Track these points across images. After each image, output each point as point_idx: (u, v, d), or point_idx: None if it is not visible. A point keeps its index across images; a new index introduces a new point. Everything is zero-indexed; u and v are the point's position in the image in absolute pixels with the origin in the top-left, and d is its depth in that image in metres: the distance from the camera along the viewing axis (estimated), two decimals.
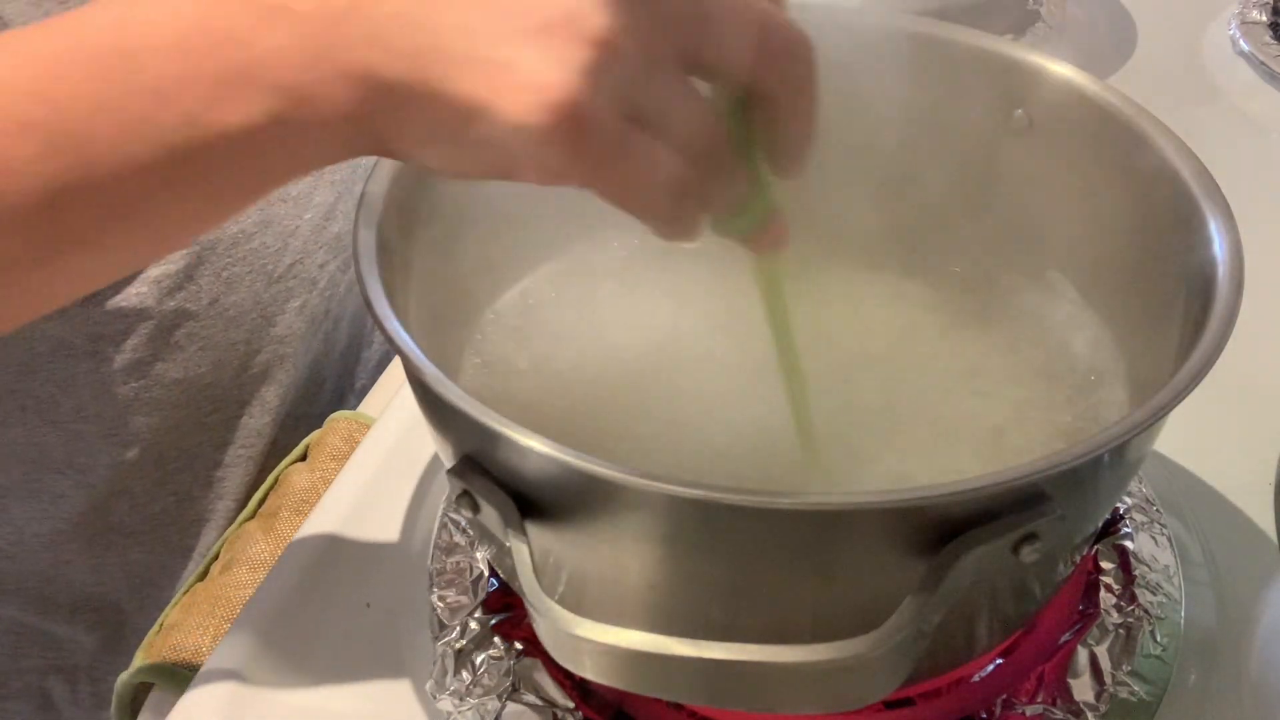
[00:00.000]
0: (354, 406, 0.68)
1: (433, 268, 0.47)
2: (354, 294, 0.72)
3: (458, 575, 0.51)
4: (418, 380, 0.38)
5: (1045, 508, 0.34)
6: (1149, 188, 0.45)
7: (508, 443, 0.35)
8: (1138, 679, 0.46)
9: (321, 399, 0.72)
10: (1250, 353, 0.44)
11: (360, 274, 0.40)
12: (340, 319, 0.72)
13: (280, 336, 0.66)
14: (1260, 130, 0.79)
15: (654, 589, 0.39)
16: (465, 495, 0.37)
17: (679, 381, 0.50)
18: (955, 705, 0.46)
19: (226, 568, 0.57)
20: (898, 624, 0.33)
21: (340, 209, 0.68)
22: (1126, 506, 0.52)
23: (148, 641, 0.55)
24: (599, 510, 0.36)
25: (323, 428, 0.66)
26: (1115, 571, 0.49)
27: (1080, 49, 0.88)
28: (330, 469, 0.61)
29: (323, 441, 0.65)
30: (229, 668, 0.50)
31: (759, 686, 0.35)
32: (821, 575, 0.37)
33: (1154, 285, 0.45)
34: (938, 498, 0.33)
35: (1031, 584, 0.42)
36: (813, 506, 0.34)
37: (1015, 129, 0.51)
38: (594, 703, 0.46)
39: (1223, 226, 0.41)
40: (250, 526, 0.60)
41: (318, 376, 0.72)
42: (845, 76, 0.53)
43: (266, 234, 0.63)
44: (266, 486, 0.63)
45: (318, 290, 0.68)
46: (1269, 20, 0.88)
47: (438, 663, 0.47)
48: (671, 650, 0.34)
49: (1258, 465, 0.53)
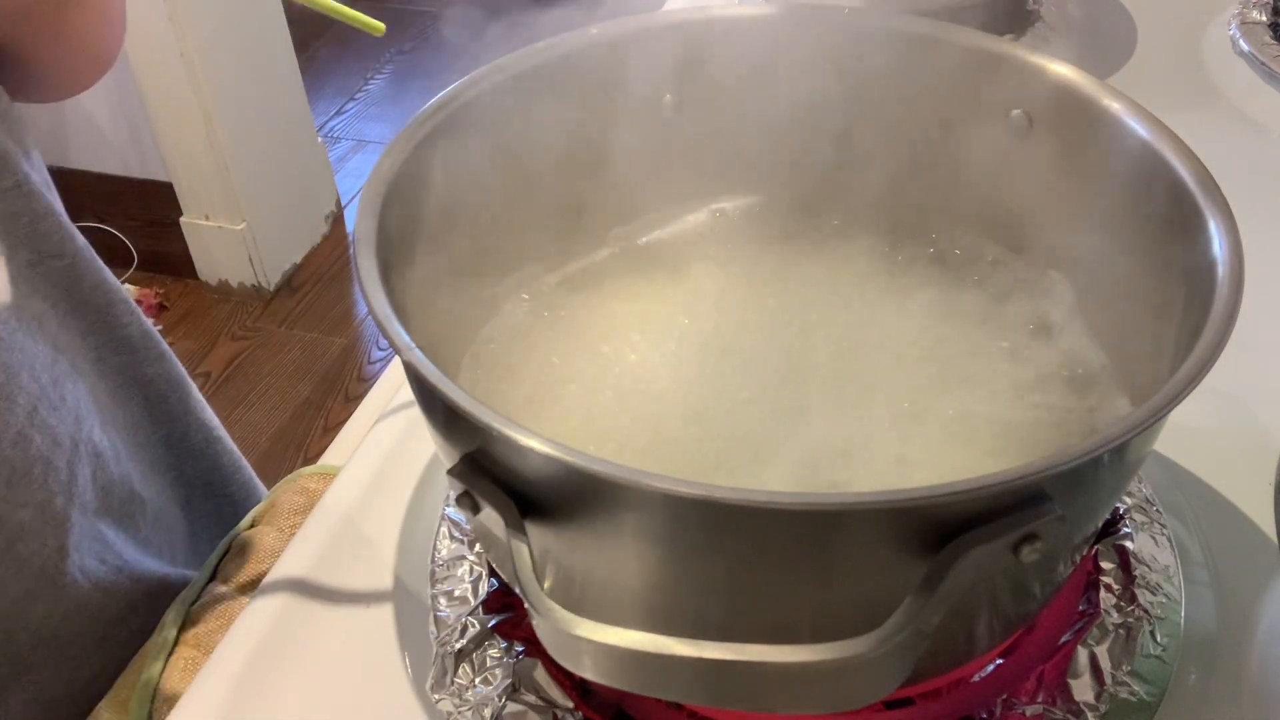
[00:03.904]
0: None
1: (435, 268, 0.47)
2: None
3: (458, 575, 0.51)
4: (418, 380, 0.38)
5: (1045, 508, 0.34)
6: (1149, 188, 0.45)
7: (508, 443, 0.35)
8: (1138, 679, 0.46)
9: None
10: (1250, 353, 0.44)
11: (360, 274, 0.40)
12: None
13: (3, 611, 0.55)
14: (1260, 130, 0.79)
15: (654, 589, 0.39)
16: (465, 495, 0.37)
17: (680, 383, 0.50)
18: (955, 705, 0.46)
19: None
20: (898, 624, 0.33)
21: (40, 414, 0.55)
22: (1126, 506, 0.52)
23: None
24: (599, 510, 0.36)
25: (271, 493, 0.65)
26: (1115, 571, 0.49)
27: (1080, 49, 0.88)
28: (295, 524, 0.60)
29: (277, 504, 0.63)
30: (229, 668, 0.50)
31: (759, 686, 0.35)
32: (821, 575, 0.37)
33: (1154, 285, 0.45)
34: (938, 498, 0.33)
35: (1031, 584, 0.42)
36: (813, 506, 0.34)
37: (1015, 129, 0.51)
38: (594, 703, 0.46)
39: (1223, 226, 0.41)
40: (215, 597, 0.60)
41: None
42: (846, 77, 0.53)
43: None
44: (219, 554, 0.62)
45: (32, 535, 0.55)
46: (1269, 20, 0.88)
47: (438, 663, 0.47)
48: (671, 650, 0.34)
49: (1258, 465, 0.53)
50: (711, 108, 0.55)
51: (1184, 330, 0.40)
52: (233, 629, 0.51)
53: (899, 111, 0.54)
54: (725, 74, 0.54)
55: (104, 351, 0.64)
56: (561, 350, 0.52)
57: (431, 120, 0.47)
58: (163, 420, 0.70)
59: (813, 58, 0.53)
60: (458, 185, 0.48)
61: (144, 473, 0.67)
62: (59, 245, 0.59)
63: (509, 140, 0.51)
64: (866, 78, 0.53)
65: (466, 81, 0.49)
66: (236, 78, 1.81)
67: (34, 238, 0.58)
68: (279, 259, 2.00)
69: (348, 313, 1.97)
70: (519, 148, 0.51)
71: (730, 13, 0.54)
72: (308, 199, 2.08)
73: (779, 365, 0.51)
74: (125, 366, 0.66)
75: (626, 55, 0.52)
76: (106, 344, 0.64)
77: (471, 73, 0.49)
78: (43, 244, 0.58)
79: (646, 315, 0.54)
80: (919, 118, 0.53)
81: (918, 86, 0.53)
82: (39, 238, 0.58)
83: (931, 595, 0.33)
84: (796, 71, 0.53)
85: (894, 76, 0.53)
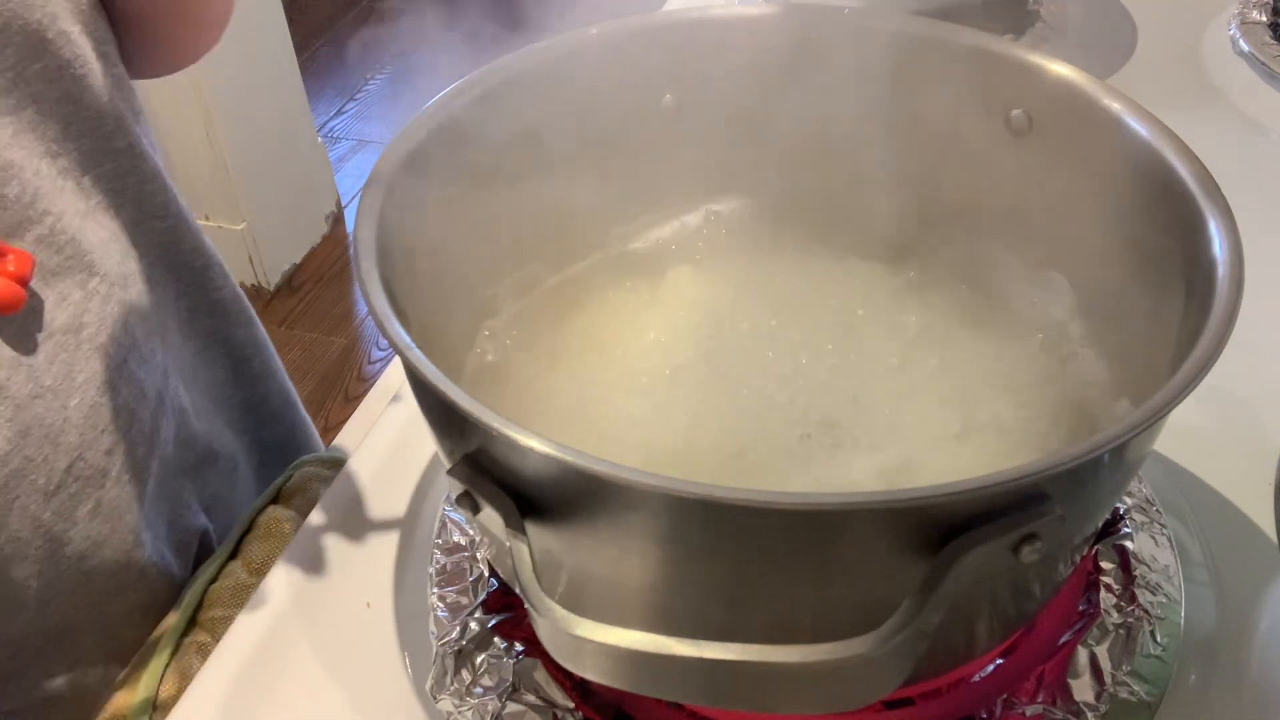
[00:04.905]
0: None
1: (435, 269, 0.47)
2: (166, 463, 0.62)
3: (458, 575, 0.51)
4: (418, 380, 0.38)
5: (1045, 508, 0.34)
6: (1149, 188, 0.45)
7: (508, 443, 0.35)
8: (1138, 679, 0.46)
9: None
10: (1250, 353, 0.44)
11: (360, 274, 0.40)
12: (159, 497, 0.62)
13: (78, 553, 0.56)
14: (1260, 130, 0.79)
15: (654, 589, 0.39)
16: (465, 495, 0.37)
17: (681, 383, 0.50)
18: (955, 705, 0.46)
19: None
20: (898, 624, 0.33)
21: (129, 366, 0.58)
22: (1126, 506, 0.52)
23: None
24: (599, 510, 0.36)
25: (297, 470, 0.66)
26: (1115, 571, 0.49)
27: (1080, 49, 0.88)
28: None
29: (305, 487, 0.64)
30: (229, 668, 0.50)
31: (759, 686, 0.35)
32: (821, 575, 0.37)
33: (1154, 285, 0.45)
34: (938, 498, 0.33)
35: (1031, 584, 0.42)
36: (813, 506, 0.34)
37: (1015, 129, 0.51)
38: (594, 703, 0.46)
39: (1223, 226, 0.41)
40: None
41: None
42: (846, 77, 0.53)
43: (27, 445, 0.52)
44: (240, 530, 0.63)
45: (114, 481, 0.57)
46: (1269, 20, 0.88)
47: (438, 663, 0.47)
48: (671, 650, 0.34)
49: (1258, 465, 0.53)
50: (711, 108, 0.55)
51: (1184, 330, 0.40)
52: (233, 628, 0.51)
53: (898, 111, 0.54)
54: (725, 74, 0.54)
55: (195, 313, 0.66)
56: (561, 351, 0.52)
57: (431, 121, 0.47)
58: (244, 383, 0.72)
59: (813, 58, 0.53)
60: (457, 186, 0.48)
61: (222, 433, 0.69)
62: (163, 207, 0.62)
63: (509, 140, 0.51)
64: (866, 78, 0.53)
65: (466, 82, 0.49)
66: (236, 77, 1.81)
67: (140, 198, 0.60)
68: (279, 259, 2.00)
69: (348, 313, 1.97)
70: (519, 148, 0.51)
71: (730, 13, 0.54)
72: (308, 199, 2.08)
73: (778, 366, 0.51)
74: (214, 329, 0.68)
75: (626, 55, 0.53)
76: (199, 306, 0.67)
77: (471, 73, 0.49)
78: (147, 204, 0.61)
79: (646, 316, 0.54)
80: (918, 117, 0.53)
81: (917, 87, 0.53)
82: (145, 198, 0.60)
83: (931, 595, 0.33)
84: (796, 72, 0.53)
85: (894, 76, 0.53)
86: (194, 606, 0.60)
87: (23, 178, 0.51)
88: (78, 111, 0.54)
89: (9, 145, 0.51)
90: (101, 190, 0.57)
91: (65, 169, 0.54)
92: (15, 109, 0.51)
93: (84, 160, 0.56)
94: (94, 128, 0.56)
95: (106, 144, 0.57)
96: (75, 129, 0.54)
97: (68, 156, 0.54)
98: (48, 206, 0.52)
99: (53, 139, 0.53)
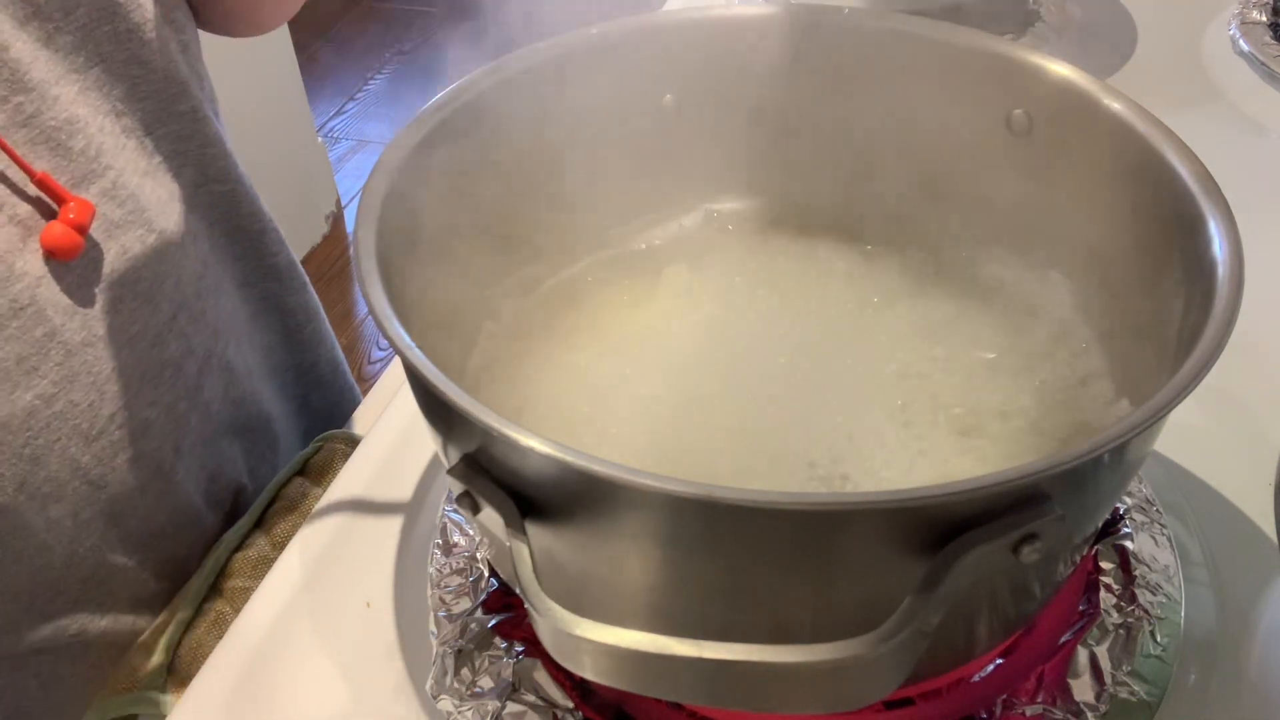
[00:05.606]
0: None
1: (435, 269, 0.47)
2: (211, 420, 0.63)
3: (458, 575, 0.51)
4: (418, 380, 0.38)
5: (1045, 508, 0.34)
6: (1149, 188, 0.45)
7: (508, 443, 0.35)
8: (1138, 679, 0.46)
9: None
10: (1250, 353, 0.44)
11: (360, 274, 0.40)
12: (198, 445, 0.62)
13: (113, 498, 0.57)
14: (1260, 130, 0.79)
15: (654, 589, 0.39)
16: (465, 495, 0.37)
17: (681, 384, 0.50)
18: (955, 705, 0.46)
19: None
20: (898, 624, 0.33)
21: (179, 322, 0.59)
22: (1126, 506, 0.52)
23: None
24: (599, 510, 0.36)
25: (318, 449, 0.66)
26: (1115, 571, 0.49)
27: (1080, 49, 0.88)
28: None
29: (331, 465, 0.65)
30: (230, 666, 0.50)
31: (759, 686, 0.35)
32: (821, 575, 0.37)
33: (1154, 285, 0.45)
34: (938, 498, 0.33)
35: (1031, 584, 0.42)
36: (813, 506, 0.34)
37: (1015, 129, 0.51)
38: (594, 703, 0.46)
39: (1223, 226, 0.41)
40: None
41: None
42: (845, 77, 0.53)
43: (73, 390, 0.53)
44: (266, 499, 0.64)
45: (155, 433, 0.58)
46: (1269, 20, 0.88)
47: (438, 663, 0.47)
48: (671, 650, 0.34)
49: (1258, 465, 0.53)
50: (711, 108, 0.55)
51: (1184, 330, 0.40)
52: (233, 628, 0.51)
53: (898, 112, 0.54)
54: (725, 74, 0.54)
55: (251, 276, 0.68)
56: (561, 351, 0.52)
57: (431, 120, 0.47)
58: (296, 348, 0.73)
59: (812, 58, 0.53)
60: (457, 186, 0.48)
61: (272, 395, 0.70)
62: (223, 172, 0.63)
63: (509, 141, 0.51)
64: (866, 78, 0.53)
65: (466, 82, 0.49)
66: (236, 77, 1.81)
67: (202, 161, 0.62)
68: None
69: (348, 313, 1.97)
70: (519, 148, 0.51)
71: (730, 13, 0.54)
72: (308, 199, 2.08)
73: (778, 367, 0.51)
74: (269, 294, 0.70)
75: (626, 55, 0.53)
76: (254, 270, 0.68)
77: (471, 73, 0.49)
78: (209, 168, 0.62)
79: (646, 317, 0.54)
80: (918, 118, 0.53)
81: (917, 87, 0.53)
82: (206, 161, 0.62)
83: (931, 595, 0.33)
84: (796, 72, 0.53)
85: (894, 77, 0.53)
86: (216, 572, 0.61)
87: (88, 132, 0.53)
88: (144, 74, 0.56)
89: (75, 101, 0.52)
90: (163, 151, 0.58)
91: (129, 128, 0.56)
92: (84, 67, 0.53)
93: (147, 121, 0.57)
94: (158, 90, 0.57)
95: (170, 107, 0.58)
96: (140, 90, 0.56)
97: (131, 116, 0.56)
98: (110, 161, 0.54)
99: (118, 98, 0.55)
